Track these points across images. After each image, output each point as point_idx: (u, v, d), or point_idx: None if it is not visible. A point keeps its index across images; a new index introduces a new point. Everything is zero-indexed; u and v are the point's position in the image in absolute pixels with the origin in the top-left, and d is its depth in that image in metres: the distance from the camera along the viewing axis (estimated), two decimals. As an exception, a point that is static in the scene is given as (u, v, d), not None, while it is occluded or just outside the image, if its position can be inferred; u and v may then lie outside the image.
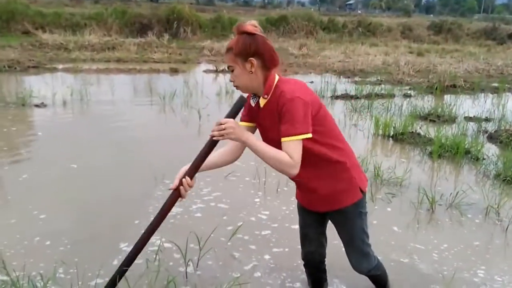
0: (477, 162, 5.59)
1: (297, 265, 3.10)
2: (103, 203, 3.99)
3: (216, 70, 12.82)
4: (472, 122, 7.61)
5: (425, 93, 10.42)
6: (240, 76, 2.14)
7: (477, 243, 3.59)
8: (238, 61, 2.11)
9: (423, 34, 27.47)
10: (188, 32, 20.65)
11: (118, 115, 7.28)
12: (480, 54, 19.47)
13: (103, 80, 10.57)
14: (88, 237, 3.35)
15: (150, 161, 5.02)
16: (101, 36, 17.63)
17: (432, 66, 14.16)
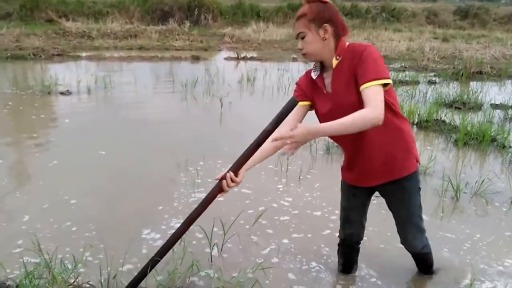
0: (503, 150, 5.49)
1: (318, 250, 3.13)
2: (128, 189, 4.04)
3: (237, 57, 12.82)
4: (498, 110, 7.47)
5: (450, 80, 10.27)
6: (312, 42, 2.14)
7: (503, 232, 3.53)
8: (311, 27, 2.12)
9: (449, 19, 26.95)
10: (209, 19, 20.68)
11: (141, 103, 7.36)
12: (508, 40, 19.02)
13: (125, 67, 10.68)
14: (114, 223, 3.40)
15: (173, 148, 5.06)
16: (123, 23, 17.81)
17: (458, 52, 13.92)
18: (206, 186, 4.13)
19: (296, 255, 3.09)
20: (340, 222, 2.66)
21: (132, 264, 2.82)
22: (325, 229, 3.42)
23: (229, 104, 7.19)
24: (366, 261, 2.97)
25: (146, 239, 3.18)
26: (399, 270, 2.91)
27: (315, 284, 2.77)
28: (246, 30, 19.00)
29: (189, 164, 4.59)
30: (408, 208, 2.40)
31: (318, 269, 2.93)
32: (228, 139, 5.51)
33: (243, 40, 17.11)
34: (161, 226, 3.37)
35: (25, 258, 2.69)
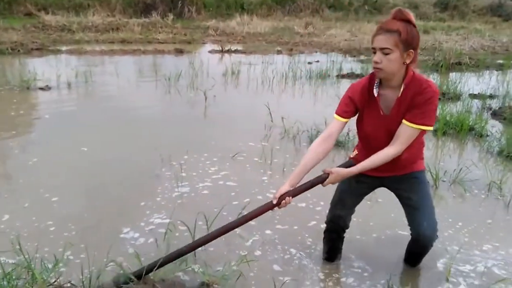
0: (481, 138, 5.63)
1: (303, 241, 3.20)
2: (110, 186, 4.03)
3: (221, 50, 12.81)
4: (476, 99, 7.63)
5: (431, 71, 10.41)
6: (394, 62, 2.15)
7: (480, 219, 3.65)
8: (400, 47, 2.12)
9: (429, 11, 27.20)
10: (193, 11, 20.59)
11: (123, 97, 7.35)
12: (486, 31, 19.31)
13: (107, 61, 10.62)
14: (96, 221, 3.38)
15: (156, 142, 5.08)
16: (105, 16, 17.64)
17: (438, 44, 14.08)
18: (190, 180, 4.17)
19: (281, 246, 3.14)
20: (331, 204, 2.74)
21: (116, 263, 2.80)
22: (310, 221, 3.48)
23: (213, 98, 7.20)
24: (350, 250, 3.04)
25: (128, 237, 3.18)
26: (381, 259, 3.00)
27: (299, 273, 2.84)
28: (230, 22, 18.96)
29: (172, 159, 4.61)
30: (423, 196, 2.52)
31: (303, 259, 3.00)
32: (213, 133, 5.55)
33: (227, 33, 17.08)
34: (142, 223, 3.37)
35: (2, 259, 2.67)
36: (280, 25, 19.70)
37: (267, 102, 6.22)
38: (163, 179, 4.18)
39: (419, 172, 2.54)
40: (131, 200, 3.75)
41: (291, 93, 8.13)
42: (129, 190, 3.94)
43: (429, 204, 2.53)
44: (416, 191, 2.53)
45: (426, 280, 2.82)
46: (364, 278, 2.81)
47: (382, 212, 3.66)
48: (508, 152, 4.99)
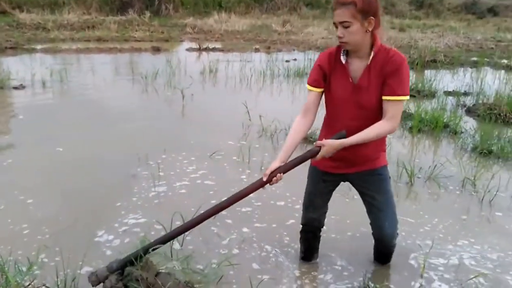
0: (455, 135, 5.74)
1: (281, 239, 3.21)
2: (86, 187, 3.98)
3: (199, 48, 12.77)
4: (451, 97, 7.77)
5: (406, 69, 10.52)
6: (356, 33, 2.14)
7: (455, 215, 3.72)
8: (359, 18, 2.11)
9: (405, 9, 27.55)
10: (170, 9, 20.44)
11: (99, 96, 7.26)
12: (460, 29, 19.65)
13: (83, 60, 10.48)
14: (71, 222, 3.34)
15: (133, 142, 5.05)
16: (80, 14, 17.40)
17: (414, 42, 14.26)
18: (167, 179, 4.15)
19: (259, 244, 3.16)
20: (304, 207, 2.74)
21: (91, 265, 2.78)
22: (289, 219, 3.49)
23: (191, 96, 7.18)
24: (327, 248, 3.07)
25: (103, 238, 3.15)
26: (358, 256, 3.03)
27: (277, 272, 2.86)
28: (208, 20, 18.87)
29: (149, 158, 4.58)
30: (385, 193, 2.53)
31: (281, 257, 3.01)
32: (190, 132, 5.53)
33: (205, 31, 17.01)
34: (118, 224, 3.34)
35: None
36: (258, 23, 19.70)
37: (245, 100, 6.22)
38: (139, 179, 4.15)
39: (382, 168, 2.52)
40: (107, 200, 3.71)
41: (269, 92, 8.15)
42: (105, 191, 3.91)
43: (392, 203, 2.56)
44: (380, 191, 2.53)
45: (401, 276, 2.86)
46: (341, 276, 2.84)
47: (358, 209, 3.69)
48: (482, 149, 5.09)
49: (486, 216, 3.74)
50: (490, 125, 6.08)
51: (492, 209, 3.84)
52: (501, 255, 3.14)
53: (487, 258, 3.10)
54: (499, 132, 5.71)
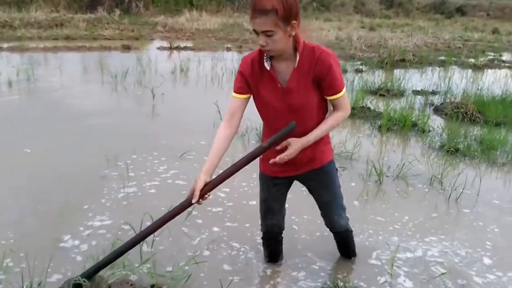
0: (423, 134, 5.84)
1: (252, 239, 3.21)
2: (54, 189, 3.89)
3: (170, 47, 12.66)
4: (419, 96, 7.92)
5: (376, 68, 10.70)
6: (279, 41, 2.01)
7: (422, 212, 3.79)
8: (281, 25, 1.96)
9: (375, 8, 27.94)
10: (141, 7, 20.22)
11: (67, 95, 7.12)
12: (429, 28, 20.05)
13: (51, 59, 10.27)
14: (38, 226, 3.28)
15: (102, 142, 4.96)
16: (48, 12, 17.06)
17: (383, 41, 14.48)
18: (137, 180, 4.10)
19: (230, 244, 3.15)
20: (261, 215, 2.70)
21: (57, 270, 2.74)
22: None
23: (161, 95, 7.11)
24: (299, 247, 3.10)
25: (70, 242, 3.08)
26: (328, 255, 3.06)
27: (248, 271, 2.86)
28: (179, 19, 18.73)
29: (119, 159, 4.51)
30: (332, 189, 2.54)
31: (252, 257, 3.01)
32: (161, 131, 5.48)
33: (176, 29, 16.88)
34: (85, 227, 3.28)
35: None
36: (230, 22, 19.67)
37: (216, 100, 6.19)
38: (109, 180, 4.09)
39: (328, 164, 2.47)
40: (75, 203, 3.64)
41: (241, 91, 8.11)
42: (73, 193, 3.83)
43: (338, 196, 2.58)
44: (327, 187, 2.53)
45: (370, 273, 2.90)
46: (312, 274, 2.86)
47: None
48: (449, 147, 5.20)
49: (454, 213, 3.82)
50: (457, 123, 6.21)
51: (459, 206, 3.93)
52: (469, 251, 3.21)
53: (455, 254, 3.17)
54: (465, 131, 5.83)
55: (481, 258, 3.14)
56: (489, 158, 5.07)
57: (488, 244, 3.32)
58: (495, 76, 10.44)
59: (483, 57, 12.74)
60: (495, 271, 2.99)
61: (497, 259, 3.13)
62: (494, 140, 5.38)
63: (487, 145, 5.32)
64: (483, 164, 4.94)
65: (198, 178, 2.21)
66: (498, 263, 3.09)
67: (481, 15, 28.83)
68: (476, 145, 5.37)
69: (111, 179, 4.12)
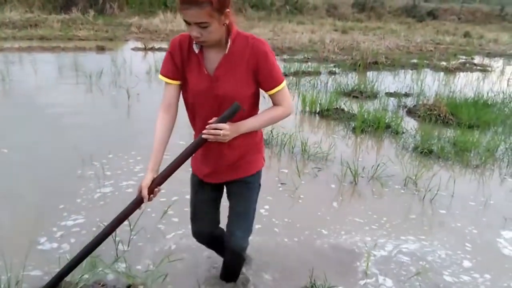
0: (397, 135, 5.95)
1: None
2: (29, 189, 3.86)
3: (145, 48, 12.58)
4: (392, 98, 8.04)
5: (349, 70, 10.81)
6: (214, 31, 1.89)
7: (397, 213, 3.86)
8: (216, 15, 1.85)
9: (347, 12, 28.22)
10: (115, 8, 20.01)
11: (42, 96, 7.00)
12: (401, 32, 20.35)
13: (25, 59, 10.08)
14: (12, 226, 3.26)
15: (77, 143, 4.91)
16: (23, 12, 16.76)
17: (356, 44, 14.63)
18: (112, 180, 4.09)
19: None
20: (191, 219, 2.49)
21: (34, 268, 2.73)
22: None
23: (136, 96, 7.07)
24: (277, 249, 3.13)
25: (46, 242, 3.08)
26: (306, 257, 3.11)
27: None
28: (154, 20, 18.59)
29: (94, 159, 4.48)
30: (247, 201, 2.35)
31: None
32: (136, 131, 5.44)
33: (150, 31, 16.76)
34: (60, 227, 3.27)
35: None
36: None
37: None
38: (84, 180, 4.07)
39: (253, 176, 2.32)
40: (49, 203, 3.61)
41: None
42: (48, 193, 3.80)
43: (250, 215, 2.38)
44: (244, 200, 2.35)
45: (346, 274, 2.95)
46: (289, 275, 2.91)
47: (302, 211, 3.80)
48: (423, 148, 5.31)
49: (429, 214, 3.90)
50: (430, 125, 6.34)
51: (434, 207, 4.01)
52: (445, 251, 3.30)
53: (432, 254, 3.25)
54: (439, 132, 5.97)
55: (458, 259, 3.22)
56: (463, 160, 5.18)
57: (465, 245, 3.41)
58: (467, 79, 10.68)
59: (455, 60, 13.02)
60: (472, 272, 3.07)
61: (475, 260, 3.21)
62: (467, 142, 5.49)
63: (460, 147, 5.44)
64: (456, 165, 5.05)
65: (144, 178, 2.11)
66: (475, 264, 3.17)
67: (453, 18, 29.43)
68: (449, 147, 5.48)
69: (87, 178, 4.10)
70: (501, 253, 3.35)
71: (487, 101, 7.77)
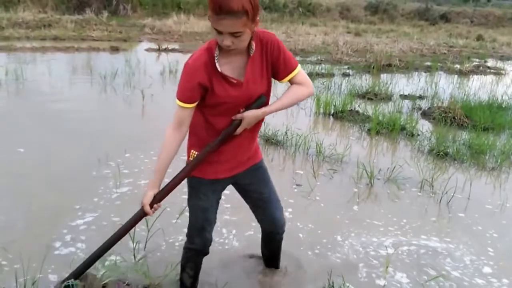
0: (412, 138, 5.91)
1: (249, 238, 3.23)
2: (47, 188, 3.88)
3: (158, 49, 12.62)
4: (407, 100, 8.00)
5: (363, 72, 10.76)
6: (246, 39, 1.94)
7: (414, 215, 3.84)
8: (249, 24, 1.88)
9: (360, 14, 28.12)
10: (128, 9, 20.12)
11: (56, 96, 7.06)
12: (414, 34, 20.22)
13: (39, 59, 10.15)
14: (31, 226, 3.27)
15: (93, 142, 4.95)
16: (36, 13, 16.90)
17: (369, 46, 14.58)
18: (129, 179, 4.10)
19: (225, 244, 3.17)
20: (197, 229, 2.38)
21: (51, 268, 2.75)
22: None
23: (151, 96, 7.09)
24: (292, 250, 3.11)
25: (63, 242, 3.09)
26: (321, 259, 3.09)
27: (241, 272, 2.88)
28: (167, 21, 18.67)
29: (110, 159, 4.50)
30: (269, 183, 2.46)
31: (248, 258, 3.03)
32: (151, 132, 5.44)
33: (164, 32, 16.83)
34: (77, 227, 3.29)
35: None
36: (217, 26, 19.69)
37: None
38: (100, 180, 4.08)
39: (262, 161, 2.45)
40: (67, 202, 3.62)
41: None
42: (66, 192, 3.81)
43: (275, 191, 2.50)
44: (265, 183, 2.45)
45: (364, 276, 2.94)
46: (308, 276, 2.90)
47: (319, 212, 3.79)
48: (438, 151, 5.27)
49: (446, 217, 3.88)
50: (445, 128, 6.28)
51: (450, 210, 3.98)
52: (464, 254, 3.28)
53: (451, 257, 3.23)
54: (454, 135, 5.92)
55: (479, 263, 3.19)
56: (478, 162, 5.14)
57: (487, 249, 3.37)
58: (481, 81, 10.59)
59: (469, 63, 12.90)
60: (491, 277, 3.04)
61: (496, 266, 3.17)
62: (483, 145, 5.45)
63: (476, 150, 5.40)
64: (472, 168, 5.01)
65: (145, 195, 2.16)
66: (496, 269, 3.13)
67: (465, 22, 29.23)
68: (465, 150, 5.44)
69: (102, 178, 4.11)
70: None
71: (501, 104, 7.72)
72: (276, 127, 5.50)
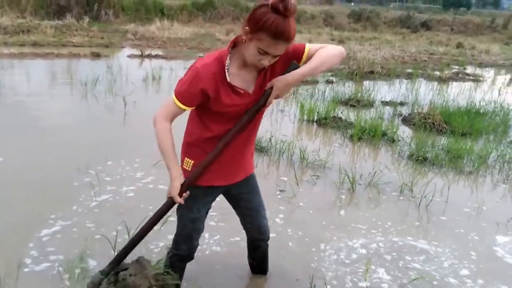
0: (393, 143, 5.98)
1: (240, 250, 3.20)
2: (25, 197, 3.82)
3: (141, 55, 12.53)
4: (388, 106, 8.09)
5: (346, 79, 10.84)
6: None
7: (395, 219, 3.89)
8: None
9: (344, 22, 28.34)
10: (110, 14, 19.95)
11: (35, 103, 6.92)
12: (396, 42, 20.43)
13: (17, 65, 10.01)
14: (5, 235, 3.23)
15: (73, 151, 4.89)
16: (14, 18, 16.64)
17: (352, 53, 14.67)
18: (112, 186, 4.06)
19: (209, 253, 3.16)
20: (185, 237, 2.42)
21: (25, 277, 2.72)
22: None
23: (133, 103, 7.02)
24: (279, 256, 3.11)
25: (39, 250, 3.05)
26: (307, 263, 3.08)
27: (227, 278, 2.88)
28: (150, 27, 18.55)
29: (90, 167, 4.45)
30: (258, 193, 2.52)
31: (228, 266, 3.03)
32: (133, 139, 5.41)
33: (147, 37, 16.72)
34: (57, 234, 3.26)
35: None
36: (201, 31, 19.64)
37: (189, 108, 6.17)
38: (79, 189, 4.03)
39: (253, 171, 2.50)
40: (47, 210, 3.58)
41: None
42: (46, 200, 3.77)
43: (262, 200, 2.56)
44: (256, 192, 2.51)
45: (346, 279, 2.95)
46: (289, 282, 2.90)
47: (301, 218, 3.79)
48: (418, 156, 5.34)
49: (425, 220, 3.95)
50: (425, 133, 6.37)
51: (429, 213, 4.06)
52: (443, 255, 3.34)
53: (430, 259, 3.28)
54: (433, 140, 6.01)
55: (457, 263, 3.25)
56: (456, 166, 5.23)
57: (465, 250, 3.45)
58: (460, 88, 10.73)
59: (448, 70, 13.07)
60: (470, 277, 3.10)
61: (473, 266, 3.25)
62: (461, 150, 5.56)
63: (454, 154, 5.50)
64: (450, 172, 5.10)
65: (171, 187, 2.19)
66: (473, 269, 3.20)
67: (446, 29, 29.65)
68: (443, 154, 5.53)
69: (82, 187, 4.06)
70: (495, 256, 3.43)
71: (479, 110, 7.84)
72: (261, 133, 5.49)
